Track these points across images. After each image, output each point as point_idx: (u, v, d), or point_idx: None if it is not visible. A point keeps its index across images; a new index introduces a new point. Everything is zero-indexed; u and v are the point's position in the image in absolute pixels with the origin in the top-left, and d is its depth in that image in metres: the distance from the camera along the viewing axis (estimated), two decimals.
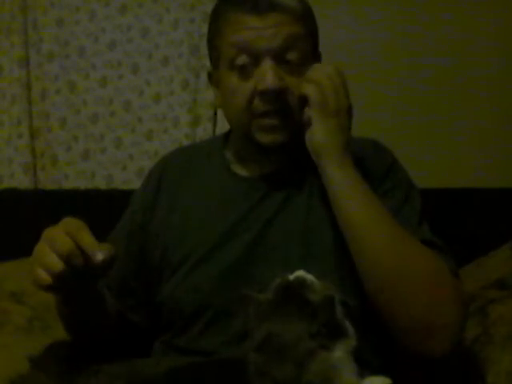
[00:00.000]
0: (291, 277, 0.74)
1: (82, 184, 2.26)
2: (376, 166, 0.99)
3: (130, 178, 2.21)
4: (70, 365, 0.81)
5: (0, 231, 2.06)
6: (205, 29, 1.11)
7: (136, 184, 1.14)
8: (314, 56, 0.98)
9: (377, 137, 1.10)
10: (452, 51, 1.89)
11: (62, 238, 0.76)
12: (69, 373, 0.78)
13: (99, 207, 1.98)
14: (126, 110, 2.20)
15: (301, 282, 0.71)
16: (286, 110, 0.92)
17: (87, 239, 0.76)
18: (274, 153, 0.97)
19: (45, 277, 0.75)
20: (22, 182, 2.27)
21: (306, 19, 0.95)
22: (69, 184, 2.28)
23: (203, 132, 2.10)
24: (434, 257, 0.88)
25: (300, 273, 0.74)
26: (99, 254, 0.75)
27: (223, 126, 1.98)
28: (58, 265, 0.74)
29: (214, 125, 2.11)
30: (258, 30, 0.90)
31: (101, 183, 2.25)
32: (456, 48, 1.89)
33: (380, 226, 0.87)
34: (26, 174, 2.27)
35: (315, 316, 0.68)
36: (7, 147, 2.29)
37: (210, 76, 1.05)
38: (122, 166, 2.23)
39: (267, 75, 0.89)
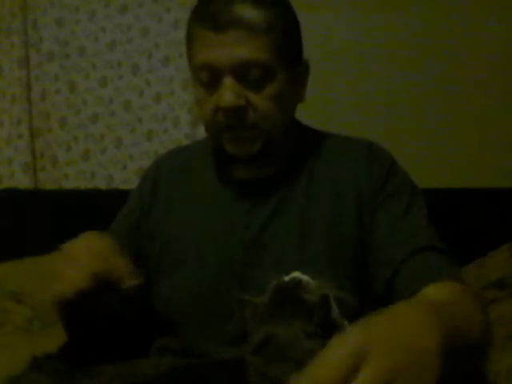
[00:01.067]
0: (287, 278, 0.74)
1: (82, 184, 2.26)
2: (373, 170, 0.98)
3: (129, 178, 2.21)
4: (69, 365, 0.81)
5: (0, 231, 2.06)
6: None
7: (136, 184, 1.14)
8: (290, 66, 0.94)
9: (376, 136, 1.09)
10: (453, 51, 1.89)
11: (89, 259, 0.76)
12: (69, 373, 0.78)
13: (99, 207, 1.98)
14: (126, 110, 2.20)
15: (296, 283, 0.72)
16: (249, 124, 0.93)
17: (121, 261, 0.77)
18: (246, 164, 0.97)
19: (65, 289, 0.74)
20: (22, 181, 2.27)
21: (272, 32, 0.90)
22: (69, 184, 2.28)
23: (203, 132, 2.07)
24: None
25: (296, 274, 0.74)
26: (132, 280, 0.76)
27: None
28: (83, 280, 0.74)
29: None
30: (217, 47, 0.89)
31: (101, 183, 2.25)
32: (457, 47, 1.89)
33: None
34: (26, 173, 2.28)
35: (311, 316, 0.68)
36: (7, 147, 2.29)
37: None
38: (121, 166, 2.23)
39: (224, 93, 0.89)
